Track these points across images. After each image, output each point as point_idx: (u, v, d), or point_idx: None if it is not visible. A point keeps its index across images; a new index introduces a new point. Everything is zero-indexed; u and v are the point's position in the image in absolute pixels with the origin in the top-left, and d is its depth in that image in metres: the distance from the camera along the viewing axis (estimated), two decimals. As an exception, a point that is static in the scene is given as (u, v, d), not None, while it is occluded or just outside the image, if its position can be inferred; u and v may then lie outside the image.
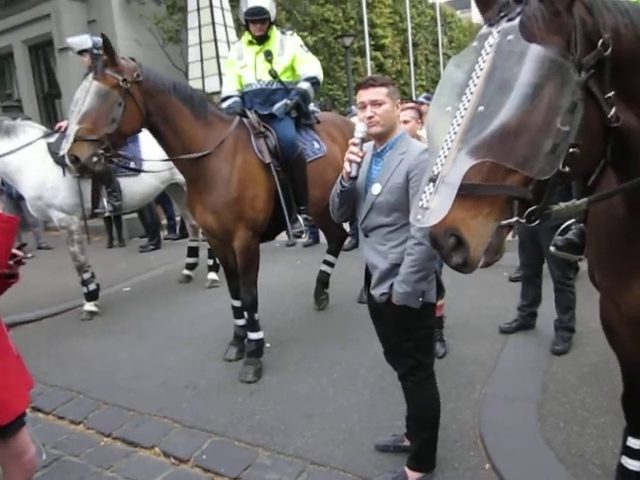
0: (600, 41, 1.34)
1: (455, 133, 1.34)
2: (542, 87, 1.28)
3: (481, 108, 1.31)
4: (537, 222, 1.37)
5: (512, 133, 1.28)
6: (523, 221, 1.35)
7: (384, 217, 2.28)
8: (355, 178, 2.25)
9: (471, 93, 1.35)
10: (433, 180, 1.34)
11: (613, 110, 1.38)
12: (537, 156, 1.28)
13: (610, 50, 1.34)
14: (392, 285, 2.26)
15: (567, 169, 1.32)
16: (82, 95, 3.56)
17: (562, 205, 1.42)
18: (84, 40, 5.65)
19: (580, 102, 1.30)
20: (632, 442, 2.16)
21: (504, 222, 1.34)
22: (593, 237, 2.00)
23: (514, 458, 2.60)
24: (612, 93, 1.37)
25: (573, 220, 2.24)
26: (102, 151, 3.42)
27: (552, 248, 2.26)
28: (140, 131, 3.73)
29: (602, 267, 1.97)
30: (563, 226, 2.29)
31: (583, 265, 2.90)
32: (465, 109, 1.34)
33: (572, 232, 2.21)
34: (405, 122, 3.41)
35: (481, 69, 1.35)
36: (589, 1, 1.38)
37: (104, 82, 3.38)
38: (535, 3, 1.33)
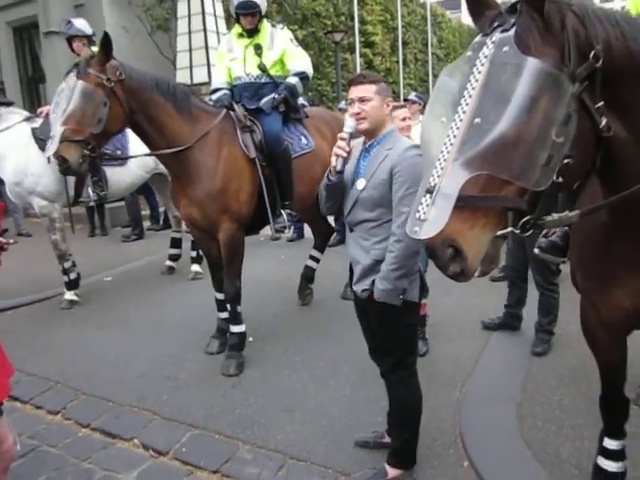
0: (592, 53, 1.35)
1: (451, 144, 1.34)
2: (538, 99, 1.29)
3: (477, 120, 1.32)
4: (530, 232, 1.39)
5: (508, 145, 1.29)
6: (517, 231, 1.37)
7: (368, 212, 2.29)
8: (341, 172, 2.27)
9: (466, 104, 1.35)
10: (430, 192, 1.34)
11: (604, 120, 1.39)
12: (533, 168, 1.30)
13: (601, 62, 1.35)
14: (374, 281, 2.27)
15: (561, 179, 1.34)
16: (65, 95, 3.53)
17: (555, 216, 1.45)
18: (84, 25, 5.46)
19: (574, 113, 1.32)
20: (608, 443, 2.20)
21: (500, 232, 1.36)
22: (576, 240, 2.03)
23: (492, 456, 2.63)
24: (601, 103, 1.39)
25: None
26: (88, 152, 3.41)
27: (536, 250, 2.29)
28: (124, 130, 3.75)
29: (583, 270, 2.00)
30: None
31: (565, 268, 2.94)
32: (461, 120, 1.35)
33: (556, 235, 2.24)
34: (403, 120, 3.39)
35: (476, 80, 1.36)
36: (581, 12, 1.39)
37: (89, 81, 3.34)
38: (529, 14, 1.34)
